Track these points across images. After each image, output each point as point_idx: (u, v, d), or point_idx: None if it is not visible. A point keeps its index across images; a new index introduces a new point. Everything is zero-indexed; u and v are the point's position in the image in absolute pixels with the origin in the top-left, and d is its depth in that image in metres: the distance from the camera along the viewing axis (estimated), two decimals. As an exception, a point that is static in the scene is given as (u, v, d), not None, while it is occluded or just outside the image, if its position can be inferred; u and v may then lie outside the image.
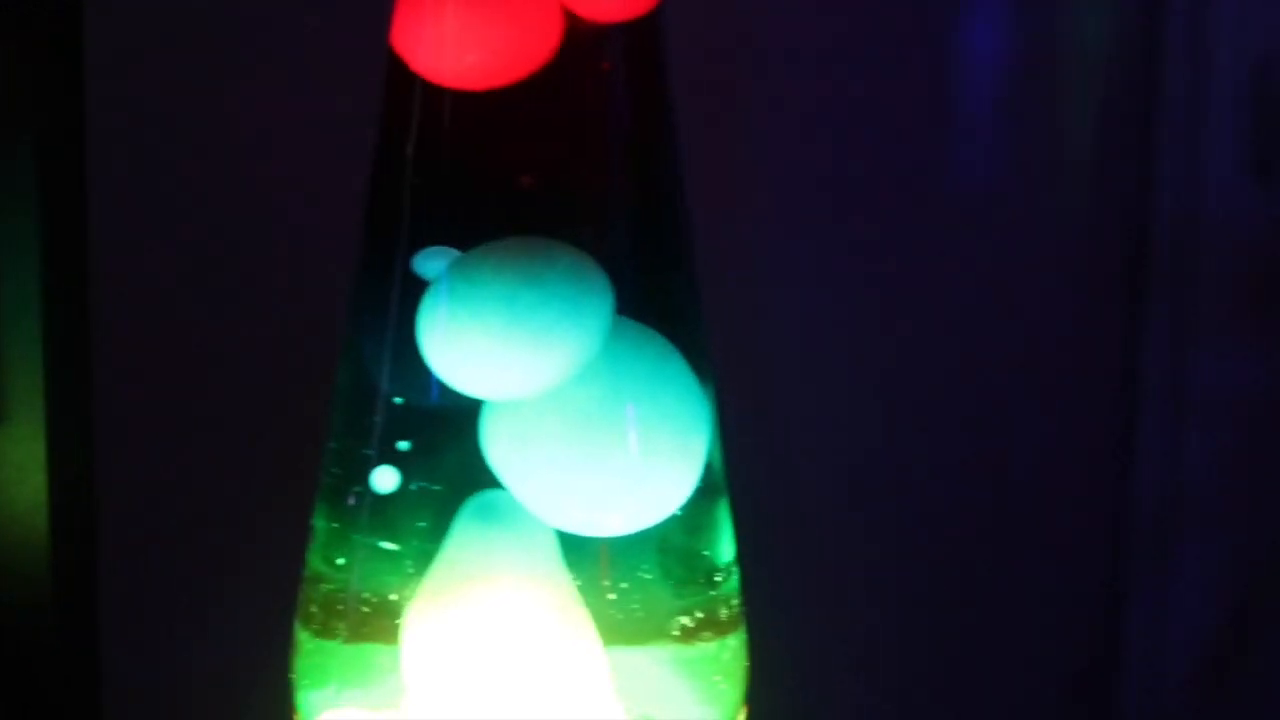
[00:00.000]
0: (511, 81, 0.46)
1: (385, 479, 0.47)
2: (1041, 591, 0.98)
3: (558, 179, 0.46)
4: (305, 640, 0.49)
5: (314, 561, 0.49)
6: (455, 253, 0.46)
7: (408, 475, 0.47)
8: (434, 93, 0.46)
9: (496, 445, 0.46)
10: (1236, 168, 0.97)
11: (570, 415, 0.46)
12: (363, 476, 0.47)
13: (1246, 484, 0.99)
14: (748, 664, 0.50)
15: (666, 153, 0.48)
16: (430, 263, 0.46)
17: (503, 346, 0.45)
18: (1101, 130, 0.96)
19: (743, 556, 0.51)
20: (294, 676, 0.49)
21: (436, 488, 0.47)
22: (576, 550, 0.46)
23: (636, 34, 0.47)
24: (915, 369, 0.94)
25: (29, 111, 0.54)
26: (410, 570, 0.47)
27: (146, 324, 0.75)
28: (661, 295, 0.48)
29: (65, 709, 0.56)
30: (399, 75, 0.47)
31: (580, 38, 0.46)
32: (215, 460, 0.77)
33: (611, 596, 0.47)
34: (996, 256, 0.95)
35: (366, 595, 0.47)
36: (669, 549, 0.47)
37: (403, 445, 0.47)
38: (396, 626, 0.47)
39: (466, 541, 0.46)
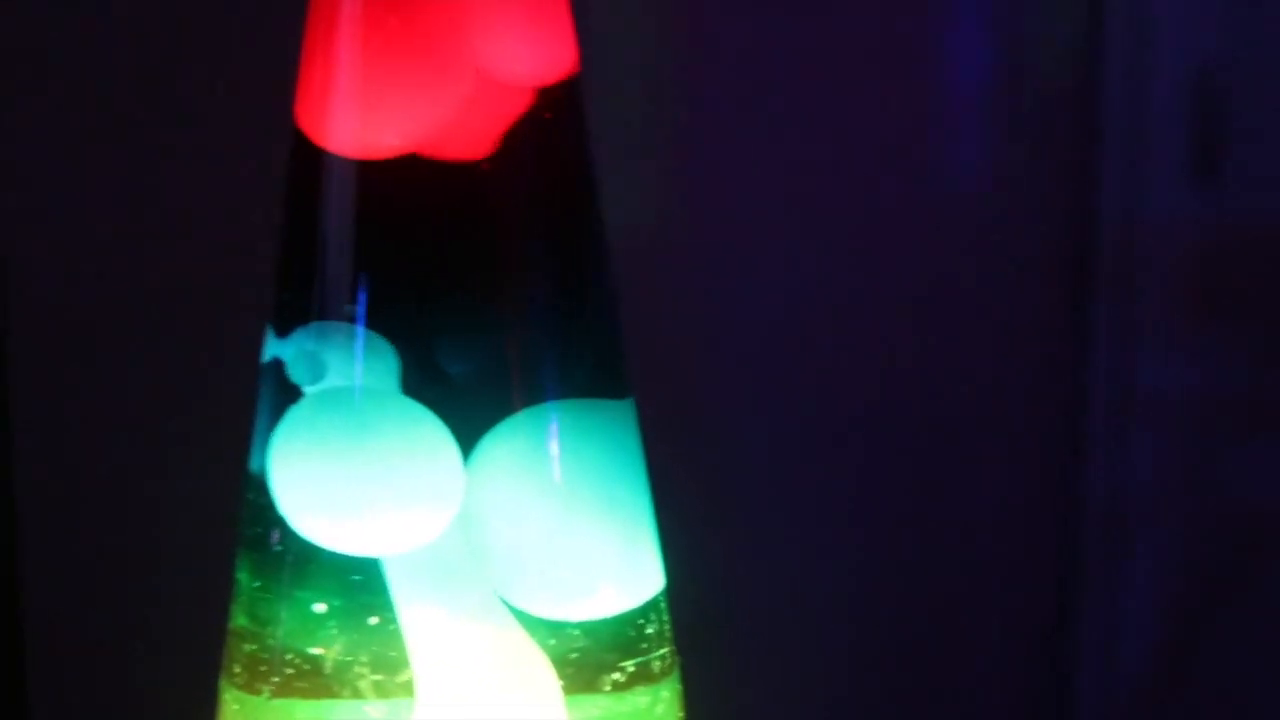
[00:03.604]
0: (421, 149, 0.45)
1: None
2: (992, 595, 0.98)
3: (471, 251, 0.45)
4: (229, 697, 0.48)
5: (237, 617, 0.48)
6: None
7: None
8: (342, 165, 0.45)
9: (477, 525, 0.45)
10: (1179, 170, 0.97)
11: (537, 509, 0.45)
12: (283, 532, 0.46)
13: (1194, 483, 1.00)
14: (682, 714, 0.49)
15: (588, 217, 0.47)
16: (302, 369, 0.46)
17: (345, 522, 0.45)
18: (1045, 134, 0.96)
19: (674, 603, 0.50)
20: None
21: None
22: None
23: (555, 98, 0.46)
24: (861, 372, 0.94)
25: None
26: (334, 629, 0.46)
27: (64, 380, 0.75)
28: (592, 365, 0.47)
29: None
30: (303, 148, 0.46)
31: (494, 101, 0.45)
32: (140, 515, 0.77)
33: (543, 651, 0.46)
34: (944, 259, 0.95)
35: (290, 655, 0.46)
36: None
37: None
38: (320, 683, 0.46)
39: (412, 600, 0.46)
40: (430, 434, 0.45)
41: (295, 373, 0.46)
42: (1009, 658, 0.99)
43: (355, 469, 0.45)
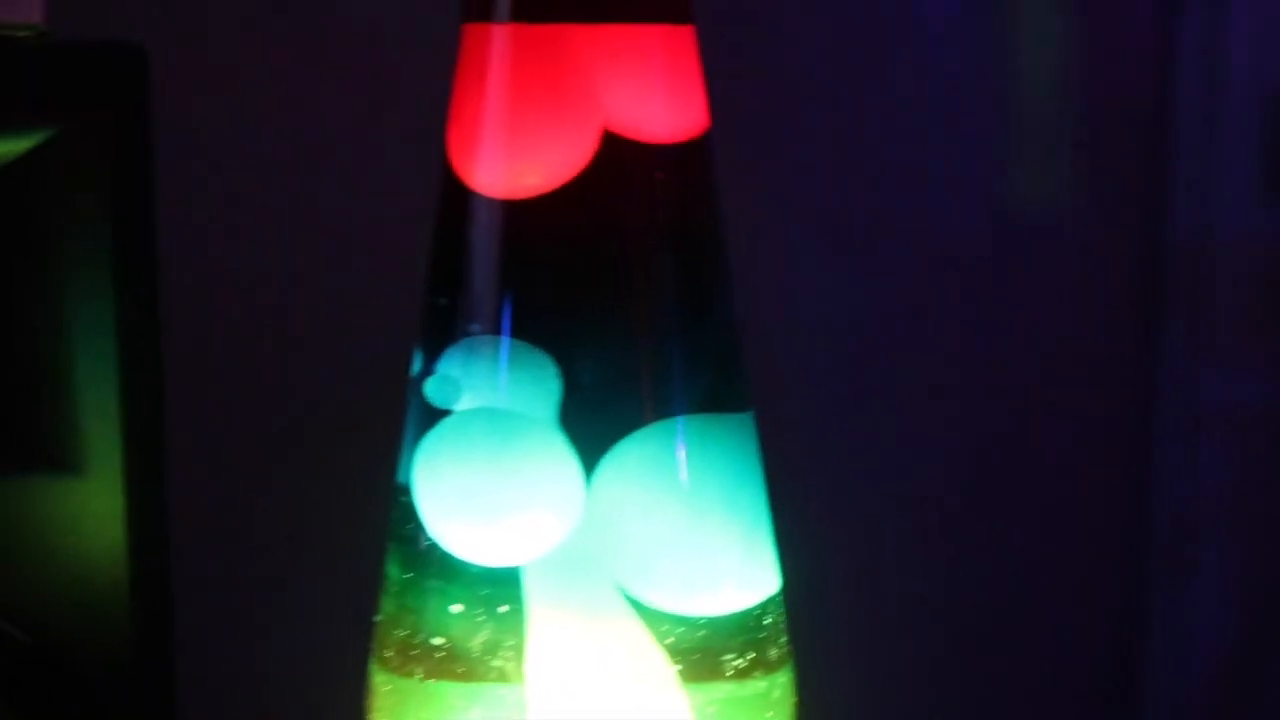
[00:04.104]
0: (554, 188, 0.49)
1: None
2: (1062, 607, 0.99)
3: (607, 281, 0.49)
4: (381, 679, 0.52)
5: (388, 606, 0.52)
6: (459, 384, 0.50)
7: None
8: (487, 203, 0.49)
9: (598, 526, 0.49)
10: (1249, 186, 0.99)
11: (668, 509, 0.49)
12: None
13: (1262, 497, 1.01)
14: (796, 699, 0.53)
15: (714, 257, 0.51)
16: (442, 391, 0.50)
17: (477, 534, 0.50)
18: (1116, 151, 0.98)
19: (789, 591, 0.54)
20: (371, 717, 0.52)
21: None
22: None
23: (688, 148, 0.50)
24: (934, 387, 0.96)
25: (104, 192, 0.55)
26: (480, 617, 0.50)
27: (220, 380, 0.79)
28: (716, 381, 0.51)
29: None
30: (452, 184, 0.50)
31: (631, 148, 0.49)
32: (290, 512, 0.81)
33: (669, 640, 0.50)
34: (1014, 275, 0.97)
35: (439, 640, 0.50)
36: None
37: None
38: (468, 667, 0.50)
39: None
40: (556, 454, 0.49)
41: (434, 394, 0.50)
42: (1080, 668, 1.00)
43: (486, 487, 0.49)
